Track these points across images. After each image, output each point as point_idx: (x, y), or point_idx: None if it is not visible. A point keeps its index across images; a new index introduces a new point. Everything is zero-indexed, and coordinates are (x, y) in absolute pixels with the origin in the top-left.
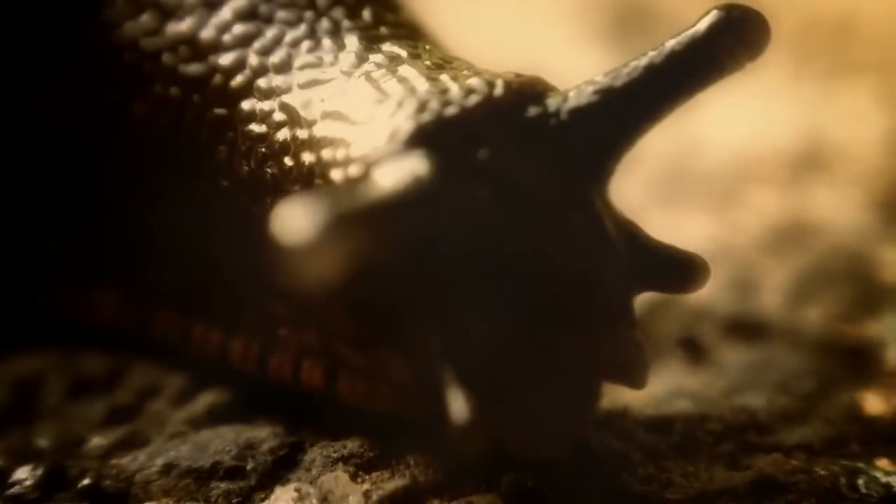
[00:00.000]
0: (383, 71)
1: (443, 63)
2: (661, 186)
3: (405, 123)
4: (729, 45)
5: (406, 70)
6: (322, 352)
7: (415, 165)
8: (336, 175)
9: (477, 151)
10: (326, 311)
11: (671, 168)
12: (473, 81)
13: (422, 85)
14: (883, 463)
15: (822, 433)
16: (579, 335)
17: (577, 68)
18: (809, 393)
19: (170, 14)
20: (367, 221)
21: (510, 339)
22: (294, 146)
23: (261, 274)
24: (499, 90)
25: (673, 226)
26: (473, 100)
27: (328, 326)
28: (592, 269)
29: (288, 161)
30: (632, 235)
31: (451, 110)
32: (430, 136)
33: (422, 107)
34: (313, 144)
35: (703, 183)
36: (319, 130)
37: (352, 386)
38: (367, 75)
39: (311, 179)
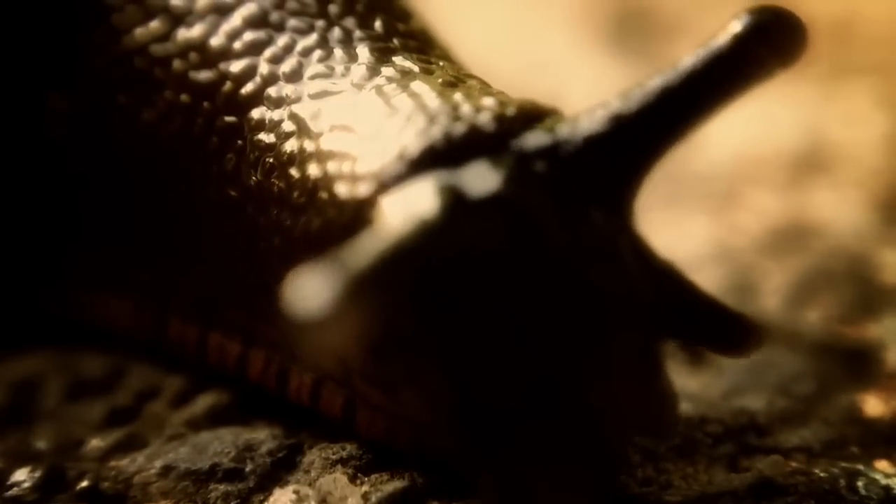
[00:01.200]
0: (394, 86)
1: (455, 81)
2: (661, 187)
3: (413, 141)
4: (760, 54)
5: (418, 86)
6: (342, 380)
7: (422, 202)
8: (341, 190)
9: (487, 176)
10: None
11: (671, 169)
12: (485, 101)
13: (432, 101)
14: (882, 465)
15: (822, 435)
16: (597, 385)
17: (578, 70)
18: (809, 395)
19: (180, 20)
20: (379, 279)
21: (526, 393)
22: (301, 158)
23: (271, 288)
24: (511, 111)
25: (673, 227)
26: (484, 118)
27: (346, 360)
28: (609, 309)
29: (294, 173)
30: (667, 276)
31: (459, 128)
32: (438, 156)
33: (431, 123)
34: (320, 157)
35: (703, 184)
36: (326, 143)
37: (371, 421)
38: (378, 89)
39: (315, 193)
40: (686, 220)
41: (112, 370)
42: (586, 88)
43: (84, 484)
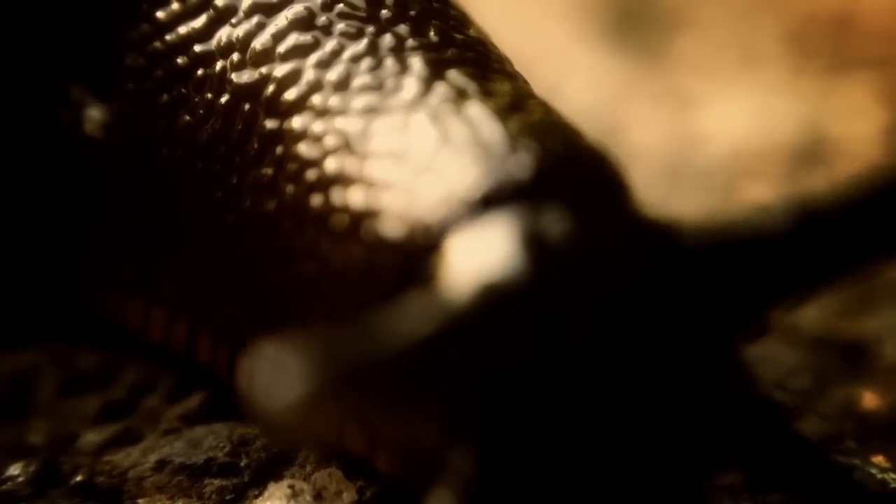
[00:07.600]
0: (448, 109)
1: (515, 105)
2: (660, 181)
3: (472, 182)
4: None
5: (474, 111)
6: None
7: (496, 262)
8: (388, 226)
9: (570, 250)
10: None
11: (670, 163)
12: (552, 145)
13: (491, 134)
14: (879, 459)
15: (819, 429)
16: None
17: (576, 63)
18: (806, 389)
19: (224, 18)
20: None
21: None
22: (344, 179)
23: (303, 319)
24: (578, 161)
25: None
26: (548, 168)
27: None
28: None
29: (336, 196)
30: (762, 411)
31: (522, 174)
32: (499, 201)
33: (490, 161)
34: (366, 183)
35: (702, 178)
36: (373, 168)
37: (389, 465)
38: (432, 112)
39: (359, 223)
40: (685, 214)
41: (107, 365)
42: (584, 81)
43: (78, 478)
